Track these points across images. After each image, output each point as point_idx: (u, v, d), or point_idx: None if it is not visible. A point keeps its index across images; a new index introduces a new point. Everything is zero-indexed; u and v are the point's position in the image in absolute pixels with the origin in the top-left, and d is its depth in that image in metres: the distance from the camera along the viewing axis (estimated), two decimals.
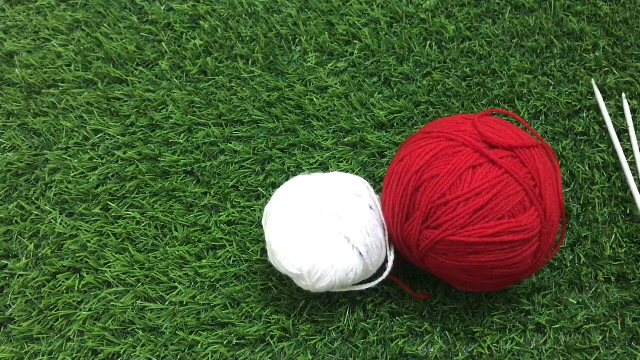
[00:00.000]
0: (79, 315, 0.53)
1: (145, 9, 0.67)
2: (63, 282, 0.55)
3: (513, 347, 0.50)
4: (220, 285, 0.54)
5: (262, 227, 0.55)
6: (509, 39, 0.63)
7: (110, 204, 0.57)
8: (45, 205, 0.58)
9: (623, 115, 0.58)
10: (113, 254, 0.55)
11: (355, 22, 0.64)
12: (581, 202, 0.55)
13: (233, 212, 0.56)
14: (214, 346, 0.51)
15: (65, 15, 0.67)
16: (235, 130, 0.60)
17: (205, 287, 0.54)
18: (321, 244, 0.46)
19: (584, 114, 0.59)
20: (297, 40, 0.64)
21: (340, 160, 0.58)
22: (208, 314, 0.53)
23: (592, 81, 0.54)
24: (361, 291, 0.52)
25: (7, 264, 0.56)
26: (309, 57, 0.63)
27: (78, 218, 0.57)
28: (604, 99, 0.59)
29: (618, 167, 0.56)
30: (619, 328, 0.51)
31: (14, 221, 0.58)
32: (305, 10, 0.66)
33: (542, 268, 0.53)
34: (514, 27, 0.63)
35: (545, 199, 0.43)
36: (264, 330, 0.52)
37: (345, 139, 0.59)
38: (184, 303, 0.53)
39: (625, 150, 0.57)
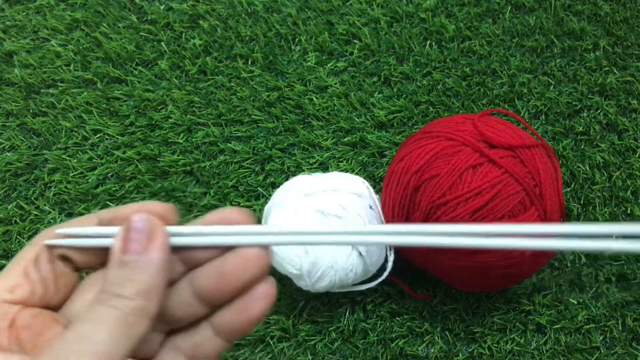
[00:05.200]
0: None
1: (144, 9, 0.67)
2: None
3: (514, 347, 0.50)
4: None
5: None
6: (509, 39, 0.63)
7: (110, 204, 0.57)
8: (45, 205, 0.58)
9: (624, 115, 0.58)
10: None
11: (355, 22, 0.64)
12: (582, 202, 0.55)
13: None
14: None
15: (65, 15, 0.67)
16: (235, 130, 0.60)
17: None
18: None
19: (585, 114, 0.59)
20: (297, 40, 0.64)
21: (340, 160, 0.58)
22: None
23: None
24: (361, 291, 0.52)
25: (6, 265, 0.56)
26: (308, 57, 0.63)
27: None
28: (604, 98, 0.59)
29: (619, 166, 0.56)
30: (620, 328, 0.50)
31: (13, 221, 0.58)
32: (305, 10, 0.66)
33: (543, 268, 0.52)
34: (514, 26, 0.63)
35: (545, 198, 0.43)
36: (263, 330, 0.51)
37: (345, 139, 0.59)
38: None
39: (629, 149, 0.57)
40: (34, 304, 0.24)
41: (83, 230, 0.24)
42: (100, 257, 0.25)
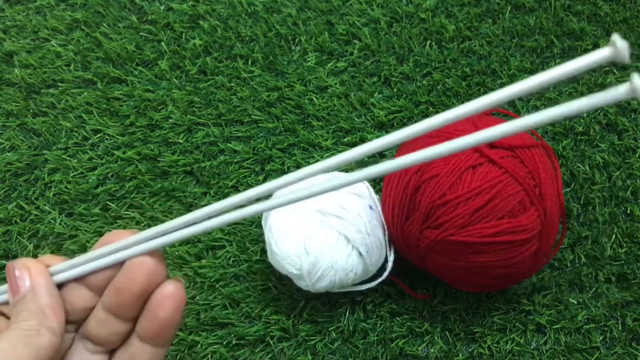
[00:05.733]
0: None
1: (144, 9, 0.67)
2: None
3: (513, 347, 0.50)
4: (220, 285, 0.54)
5: (262, 227, 0.55)
6: (509, 39, 0.63)
7: (110, 204, 0.57)
8: (45, 205, 0.58)
9: (624, 115, 0.58)
10: None
11: (355, 22, 0.64)
12: (582, 202, 0.55)
13: None
14: (214, 347, 0.51)
15: (65, 15, 0.67)
16: (235, 130, 0.60)
17: (205, 288, 0.54)
18: (321, 244, 0.46)
19: (585, 114, 0.59)
20: (297, 40, 0.64)
21: None
22: (208, 315, 0.52)
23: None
24: (361, 291, 0.52)
25: (6, 264, 0.56)
26: (309, 57, 0.63)
27: (77, 218, 0.57)
28: None
29: (619, 166, 0.56)
30: (620, 328, 0.50)
31: (13, 221, 0.58)
32: (305, 10, 0.66)
33: (543, 268, 0.53)
34: (514, 27, 0.63)
35: (545, 199, 0.43)
36: (263, 330, 0.52)
37: (345, 139, 0.59)
38: None
39: (629, 149, 0.57)
40: None
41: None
42: None
